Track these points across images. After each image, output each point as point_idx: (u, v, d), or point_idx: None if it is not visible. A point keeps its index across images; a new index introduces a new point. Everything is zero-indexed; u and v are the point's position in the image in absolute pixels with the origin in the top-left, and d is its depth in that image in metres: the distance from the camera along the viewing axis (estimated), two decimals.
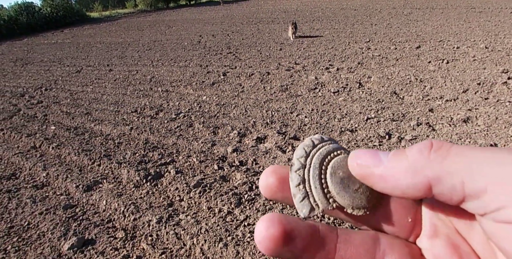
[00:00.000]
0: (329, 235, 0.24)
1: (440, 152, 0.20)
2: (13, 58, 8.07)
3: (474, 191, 0.19)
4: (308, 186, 0.25)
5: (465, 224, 0.23)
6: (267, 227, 0.22)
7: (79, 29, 13.35)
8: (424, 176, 0.20)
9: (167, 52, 6.70)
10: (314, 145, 0.27)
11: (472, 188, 0.19)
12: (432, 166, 0.20)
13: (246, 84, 4.10)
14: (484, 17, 7.56)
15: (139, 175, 2.17)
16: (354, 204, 0.24)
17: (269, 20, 10.51)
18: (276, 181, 0.26)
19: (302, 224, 0.23)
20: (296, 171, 0.25)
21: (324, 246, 0.23)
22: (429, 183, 0.20)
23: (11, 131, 3.30)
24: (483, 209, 0.19)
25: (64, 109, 3.86)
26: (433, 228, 0.24)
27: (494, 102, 2.89)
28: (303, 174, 0.25)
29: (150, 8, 20.15)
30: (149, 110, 3.52)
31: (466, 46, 4.92)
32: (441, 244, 0.24)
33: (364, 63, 4.54)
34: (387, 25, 7.61)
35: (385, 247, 0.24)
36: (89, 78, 5.25)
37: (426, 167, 0.20)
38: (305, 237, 0.23)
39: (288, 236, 0.22)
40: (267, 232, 0.22)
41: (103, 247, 1.63)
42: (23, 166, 2.55)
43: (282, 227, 0.22)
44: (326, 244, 0.23)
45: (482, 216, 0.19)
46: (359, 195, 0.24)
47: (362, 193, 0.24)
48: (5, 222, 1.88)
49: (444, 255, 0.23)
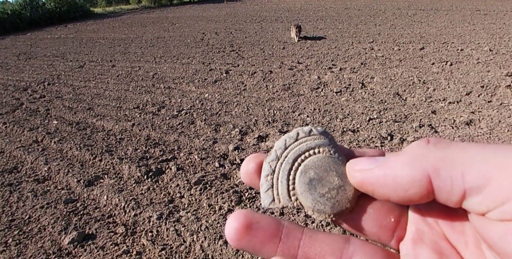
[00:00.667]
0: (294, 232, 0.24)
1: (439, 145, 0.20)
2: (16, 52, 8.08)
3: (476, 183, 0.17)
4: (276, 178, 0.25)
5: (456, 230, 0.22)
6: (233, 220, 0.24)
7: (82, 25, 13.35)
8: (422, 168, 0.19)
9: (170, 49, 6.70)
10: (297, 138, 0.26)
11: (473, 179, 0.18)
12: (430, 157, 0.19)
13: (249, 83, 4.09)
14: (489, 20, 7.52)
15: (140, 171, 2.18)
16: (315, 208, 0.24)
17: (272, 19, 10.49)
18: (256, 166, 0.26)
19: (266, 219, 0.24)
20: (270, 162, 0.25)
21: (287, 241, 0.23)
22: (428, 176, 0.19)
23: (13, 125, 3.30)
24: (486, 205, 0.17)
25: (66, 104, 3.87)
26: (419, 233, 0.23)
27: (497, 105, 2.88)
28: (275, 166, 0.25)
29: (154, 4, 20.12)
30: (151, 107, 3.52)
31: (470, 49, 4.90)
32: (426, 250, 0.22)
33: (367, 63, 4.53)
34: (391, 26, 7.58)
35: (355, 248, 0.24)
36: (91, 73, 5.26)
37: (424, 158, 0.19)
38: (267, 230, 0.24)
39: (250, 228, 0.23)
40: (233, 224, 0.24)
41: (103, 242, 1.64)
42: (25, 160, 2.56)
43: (245, 220, 0.24)
44: (289, 239, 0.24)
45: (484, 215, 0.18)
46: (324, 200, 0.23)
47: (328, 199, 0.23)
48: (6, 215, 1.89)
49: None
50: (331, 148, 0.25)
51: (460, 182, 0.18)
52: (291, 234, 0.24)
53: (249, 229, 0.23)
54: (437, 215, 0.23)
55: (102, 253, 1.57)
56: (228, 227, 0.24)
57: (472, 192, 0.18)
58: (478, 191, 0.18)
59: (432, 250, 0.22)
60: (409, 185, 0.20)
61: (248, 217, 0.24)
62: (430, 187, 0.19)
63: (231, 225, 0.24)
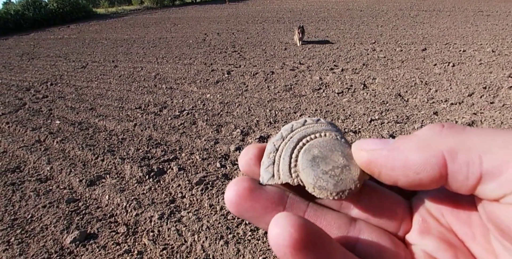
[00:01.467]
0: (299, 204, 0.23)
1: (454, 129, 0.19)
2: (19, 52, 8.12)
3: (494, 167, 0.17)
4: (278, 156, 0.24)
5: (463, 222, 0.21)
6: (235, 184, 0.22)
7: (85, 25, 13.41)
8: (437, 150, 0.18)
9: (172, 50, 6.71)
10: (304, 123, 0.25)
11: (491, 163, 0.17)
12: (446, 140, 0.18)
13: (250, 83, 4.10)
14: (492, 21, 7.50)
15: (142, 171, 2.19)
16: (317, 184, 0.22)
17: (274, 19, 10.49)
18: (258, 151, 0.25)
19: (270, 187, 0.23)
20: (274, 141, 0.25)
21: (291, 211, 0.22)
22: (443, 158, 0.18)
23: (16, 125, 3.32)
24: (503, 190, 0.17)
25: (69, 104, 3.89)
26: (425, 224, 0.22)
27: (499, 107, 2.87)
28: (279, 145, 0.24)
29: (156, 5, 20.19)
30: (153, 107, 3.53)
31: (472, 50, 4.89)
32: (434, 241, 0.22)
33: (369, 64, 4.53)
34: (393, 27, 7.57)
35: (361, 226, 0.23)
36: (94, 74, 5.28)
37: (439, 141, 0.18)
38: (271, 197, 0.22)
39: (253, 192, 0.22)
40: (235, 188, 0.22)
41: (105, 241, 1.64)
42: (27, 159, 2.57)
43: (248, 184, 0.22)
44: (293, 210, 0.22)
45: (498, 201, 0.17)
46: (327, 177, 0.22)
47: (331, 176, 0.22)
48: (9, 214, 1.90)
49: (436, 252, 0.21)
50: (337, 133, 0.24)
51: (478, 166, 0.17)
52: (296, 205, 0.23)
53: (252, 193, 0.22)
54: (443, 206, 0.22)
55: (104, 253, 1.58)
56: (228, 191, 0.22)
57: (489, 176, 0.17)
58: (496, 175, 0.17)
59: (441, 240, 0.22)
60: (421, 167, 0.18)
61: (251, 182, 0.22)
62: (444, 171, 0.18)
63: (233, 188, 0.22)
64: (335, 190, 0.22)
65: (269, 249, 1.52)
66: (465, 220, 0.21)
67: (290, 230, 0.17)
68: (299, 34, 6.10)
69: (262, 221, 0.22)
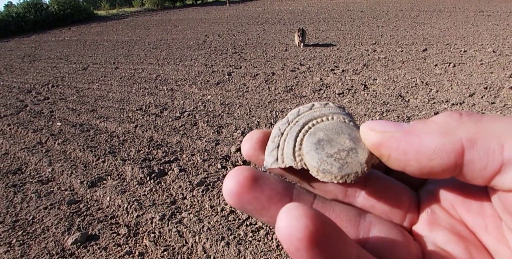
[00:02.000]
0: (306, 195, 0.21)
1: (473, 117, 0.18)
2: (21, 54, 8.15)
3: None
4: (283, 140, 0.23)
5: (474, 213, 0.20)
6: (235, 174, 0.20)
7: (86, 27, 13.46)
8: (456, 136, 0.17)
9: (172, 51, 6.73)
10: (312, 107, 0.24)
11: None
12: (466, 127, 0.17)
13: (251, 84, 4.10)
14: (492, 21, 7.49)
15: (143, 172, 2.19)
16: (321, 167, 0.21)
17: (275, 21, 10.51)
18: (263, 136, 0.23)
19: (275, 177, 0.21)
20: (279, 126, 0.24)
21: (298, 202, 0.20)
22: (462, 145, 0.17)
23: (17, 126, 3.33)
24: None
25: (70, 106, 3.90)
26: (434, 216, 0.21)
27: (500, 107, 2.87)
28: (284, 129, 0.23)
29: (157, 7, 20.25)
30: (154, 109, 3.54)
31: (473, 50, 4.88)
32: (443, 233, 0.21)
33: (370, 65, 4.53)
34: (393, 28, 7.57)
35: (371, 220, 0.21)
36: (95, 75, 5.29)
37: (459, 128, 0.17)
38: (276, 187, 0.20)
39: (255, 182, 0.20)
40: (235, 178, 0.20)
41: (106, 243, 1.64)
42: (29, 161, 2.58)
43: (250, 173, 0.20)
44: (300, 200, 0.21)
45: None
46: (332, 160, 0.21)
47: (336, 159, 0.21)
48: (10, 216, 1.91)
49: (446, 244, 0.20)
50: (346, 116, 0.23)
51: (499, 154, 0.16)
52: (303, 197, 0.21)
53: (255, 182, 0.20)
54: (453, 197, 0.21)
55: (105, 254, 1.58)
56: (228, 181, 0.20)
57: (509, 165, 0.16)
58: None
59: (451, 232, 0.20)
60: (436, 154, 0.17)
61: (253, 171, 0.20)
62: (460, 159, 0.17)
63: (233, 178, 0.20)
64: (340, 173, 0.21)
65: (271, 250, 1.52)
66: (477, 211, 0.20)
67: (305, 221, 0.15)
68: (299, 37, 5.84)
69: (266, 214, 0.20)
